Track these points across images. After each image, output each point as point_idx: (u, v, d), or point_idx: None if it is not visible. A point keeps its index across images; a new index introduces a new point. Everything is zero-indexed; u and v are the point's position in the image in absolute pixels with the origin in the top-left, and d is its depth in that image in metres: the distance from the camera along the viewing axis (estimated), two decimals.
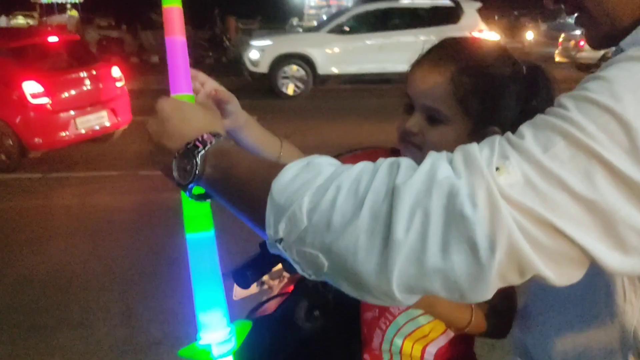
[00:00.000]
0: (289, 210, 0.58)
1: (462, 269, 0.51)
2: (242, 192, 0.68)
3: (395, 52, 10.31)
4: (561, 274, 0.52)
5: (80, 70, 6.40)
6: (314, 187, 0.57)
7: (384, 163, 0.57)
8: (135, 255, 3.92)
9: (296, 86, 10.31)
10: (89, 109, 6.27)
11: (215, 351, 0.86)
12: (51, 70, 6.28)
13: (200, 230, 0.85)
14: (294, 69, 10.37)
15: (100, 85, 6.55)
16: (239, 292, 1.54)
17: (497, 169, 0.51)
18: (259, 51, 10.46)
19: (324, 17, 15.40)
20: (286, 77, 10.25)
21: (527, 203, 0.50)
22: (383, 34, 10.64)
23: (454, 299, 0.54)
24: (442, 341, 1.19)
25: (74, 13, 20.68)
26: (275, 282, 1.58)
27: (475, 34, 10.41)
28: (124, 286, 3.50)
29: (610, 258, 0.51)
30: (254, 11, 23.17)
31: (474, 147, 0.54)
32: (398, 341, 1.20)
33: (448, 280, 0.51)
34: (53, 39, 6.71)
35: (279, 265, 1.49)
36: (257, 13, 22.61)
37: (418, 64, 1.05)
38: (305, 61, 10.32)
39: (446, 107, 0.99)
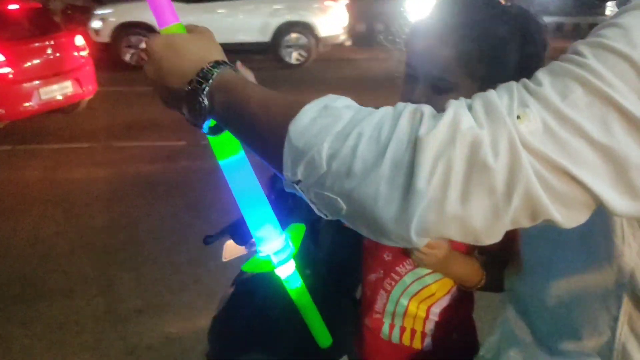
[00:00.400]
0: (307, 155, 0.58)
1: (479, 215, 0.52)
2: (256, 130, 0.67)
3: (248, 22, 9.97)
4: (570, 218, 0.53)
5: (42, 39, 6.19)
6: (333, 133, 0.57)
7: (406, 110, 0.56)
8: (112, 226, 3.88)
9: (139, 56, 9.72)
10: (53, 78, 6.09)
11: (275, 259, 0.91)
12: (12, 39, 6.04)
13: (230, 155, 0.85)
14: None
15: (64, 55, 6.36)
16: (228, 253, 1.55)
17: (518, 117, 0.52)
18: (100, 20, 9.93)
19: None
20: (129, 47, 9.76)
21: (545, 151, 0.51)
22: (234, 3, 10.06)
23: (467, 242, 0.55)
24: (445, 301, 1.21)
25: None
26: None
27: (328, 3, 10.20)
28: (102, 256, 3.48)
29: (619, 203, 0.52)
30: None
31: (493, 95, 0.55)
32: (404, 301, 1.21)
33: (465, 225, 0.53)
34: (13, 6, 6.45)
35: None
36: None
37: (417, 32, 1.03)
38: (149, 30, 9.41)
39: (452, 75, 0.97)
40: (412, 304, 1.21)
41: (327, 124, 0.58)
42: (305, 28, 10.09)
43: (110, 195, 4.43)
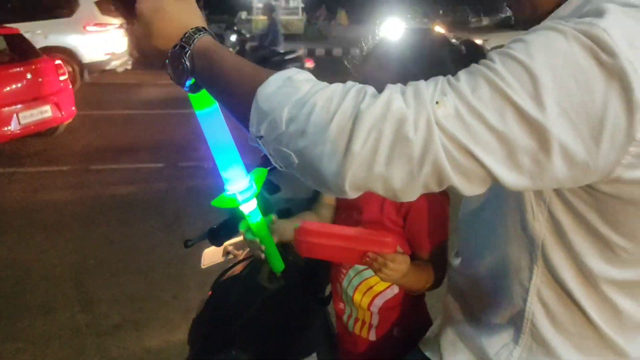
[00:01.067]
0: (270, 116, 0.71)
1: (398, 176, 0.67)
2: (229, 91, 0.80)
3: None
4: (469, 187, 0.68)
5: (21, 65, 6.27)
6: (293, 101, 0.70)
7: (353, 88, 0.70)
8: (90, 247, 3.95)
9: None
10: (32, 103, 6.16)
11: (240, 198, 1.05)
12: None
13: (205, 107, 0.96)
14: None
15: (43, 80, 6.44)
16: (207, 260, 1.68)
17: (436, 102, 0.65)
18: None
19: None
20: None
21: (453, 131, 0.64)
22: None
23: (387, 197, 0.70)
24: (388, 294, 1.34)
25: None
26: (240, 252, 1.72)
27: (91, 28, 9.88)
28: (81, 275, 3.55)
29: (508, 177, 0.66)
30: (204, 4, 22.97)
31: (422, 84, 0.69)
32: (350, 292, 1.36)
33: (387, 183, 0.68)
34: None
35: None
36: (206, 6, 22.44)
37: (368, 59, 1.21)
38: None
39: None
40: (356, 295, 1.35)
41: (288, 93, 0.71)
42: (66, 54, 9.48)
43: (89, 217, 4.50)
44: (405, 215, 1.28)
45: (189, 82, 0.86)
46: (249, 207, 1.11)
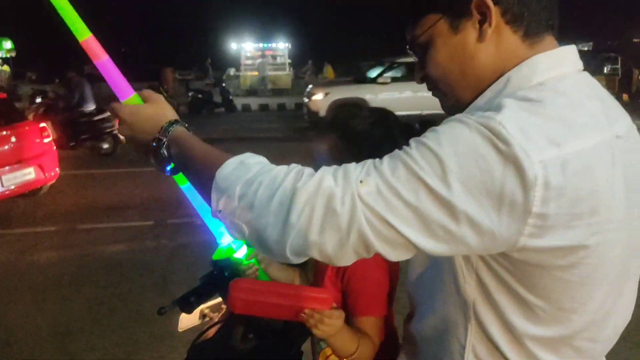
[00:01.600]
0: (225, 193, 0.85)
1: (330, 243, 0.79)
2: (196, 173, 0.96)
3: None
4: (394, 253, 0.80)
5: (6, 129, 6.38)
6: (244, 180, 0.84)
7: (294, 170, 0.84)
8: (77, 307, 3.97)
9: None
10: (16, 165, 6.26)
11: (234, 246, 1.25)
12: None
13: (187, 182, 1.11)
14: None
15: (27, 142, 6.54)
16: (184, 324, 1.74)
17: (361, 181, 0.78)
18: None
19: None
20: None
21: (374, 206, 0.76)
22: None
23: (325, 262, 0.82)
24: None
25: (6, 68, 20.30)
26: (215, 315, 1.78)
27: None
28: (67, 336, 3.56)
29: (426, 244, 0.77)
30: (192, 62, 23.65)
31: (352, 166, 0.82)
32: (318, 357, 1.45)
33: (321, 250, 0.80)
34: None
35: (218, 299, 1.70)
36: (195, 64, 23.07)
37: (316, 130, 1.36)
38: None
39: (326, 162, 1.27)
40: None
41: (240, 174, 0.86)
42: None
43: (76, 278, 4.52)
44: (342, 277, 1.37)
45: (169, 167, 1.03)
46: (242, 251, 1.31)
